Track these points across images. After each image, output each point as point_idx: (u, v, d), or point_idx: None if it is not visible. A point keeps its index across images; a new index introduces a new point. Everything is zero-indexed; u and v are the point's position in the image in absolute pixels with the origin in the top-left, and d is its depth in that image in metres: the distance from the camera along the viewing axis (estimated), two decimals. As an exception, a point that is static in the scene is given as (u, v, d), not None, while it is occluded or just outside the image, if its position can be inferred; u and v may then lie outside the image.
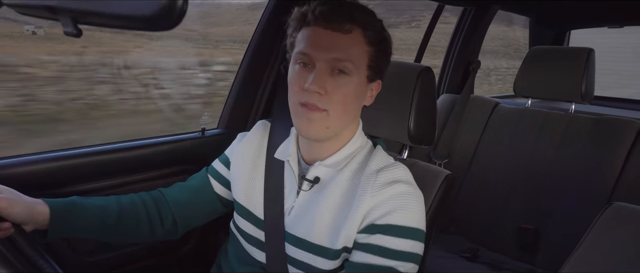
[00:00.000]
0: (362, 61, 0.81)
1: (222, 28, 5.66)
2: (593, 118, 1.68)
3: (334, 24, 0.78)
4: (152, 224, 0.95)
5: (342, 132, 0.86)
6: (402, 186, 0.81)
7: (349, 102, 0.81)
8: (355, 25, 0.79)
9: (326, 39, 0.78)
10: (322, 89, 0.78)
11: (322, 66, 0.78)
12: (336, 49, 0.78)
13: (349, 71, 0.79)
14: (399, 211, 0.79)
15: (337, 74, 0.79)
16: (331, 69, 0.79)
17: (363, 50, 0.80)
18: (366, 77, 0.82)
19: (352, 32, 0.79)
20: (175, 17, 0.38)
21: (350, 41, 0.79)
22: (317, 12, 0.79)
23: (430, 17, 2.12)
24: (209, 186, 1.01)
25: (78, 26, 0.43)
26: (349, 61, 0.78)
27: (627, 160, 1.55)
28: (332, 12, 0.78)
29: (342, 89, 0.79)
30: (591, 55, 1.70)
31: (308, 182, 0.87)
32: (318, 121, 0.80)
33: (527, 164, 1.73)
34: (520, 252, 1.67)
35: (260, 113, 1.51)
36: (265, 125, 1.01)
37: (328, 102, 0.79)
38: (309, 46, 0.79)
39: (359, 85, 0.82)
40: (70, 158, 1.14)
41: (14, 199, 0.77)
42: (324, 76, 0.78)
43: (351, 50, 0.79)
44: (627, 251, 0.77)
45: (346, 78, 0.79)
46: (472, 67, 2.26)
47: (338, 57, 0.78)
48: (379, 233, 0.78)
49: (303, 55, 0.80)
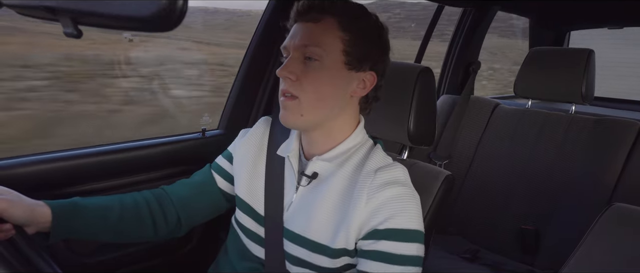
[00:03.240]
0: (334, 46, 0.81)
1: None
2: (593, 119, 1.68)
3: (306, 16, 0.83)
4: (156, 222, 0.95)
5: (330, 123, 0.86)
6: (400, 188, 0.81)
7: (322, 88, 0.82)
8: (326, 14, 0.82)
9: (298, 30, 0.83)
10: (292, 74, 0.81)
11: (294, 54, 0.82)
12: (304, 36, 0.82)
13: (318, 56, 0.81)
14: (400, 215, 0.79)
15: (308, 61, 0.82)
16: (302, 57, 0.82)
17: (335, 35, 0.81)
18: (343, 63, 0.82)
19: (322, 20, 0.82)
20: (175, 18, 0.38)
21: (320, 28, 0.82)
22: (296, 10, 0.84)
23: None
24: (212, 182, 1.02)
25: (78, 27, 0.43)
26: (316, 46, 0.81)
27: (628, 161, 1.55)
28: (308, 6, 0.83)
29: (312, 74, 0.81)
30: (591, 56, 1.70)
31: (306, 178, 0.87)
32: (291, 109, 0.83)
33: (527, 165, 1.73)
34: (521, 253, 1.67)
35: (260, 113, 1.51)
36: (268, 121, 1.01)
37: (299, 88, 0.81)
38: (287, 40, 0.85)
39: (333, 71, 0.82)
40: (71, 159, 1.14)
41: (15, 201, 0.77)
42: (295, 63, 0.82)
43: (320, 37, 0.81)
44: (627, 252, 0.77)
45: (317, 64, 0.81)
46: (472, 68, 2.26)
47: (304, 43, 0.81)
48: (383, 239, 0.78)
49: (284, 49, 0.85)
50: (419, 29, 2.24)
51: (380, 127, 1.08)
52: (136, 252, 1.28)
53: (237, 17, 4.67)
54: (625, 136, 1.58)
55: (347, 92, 0.85)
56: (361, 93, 0.87)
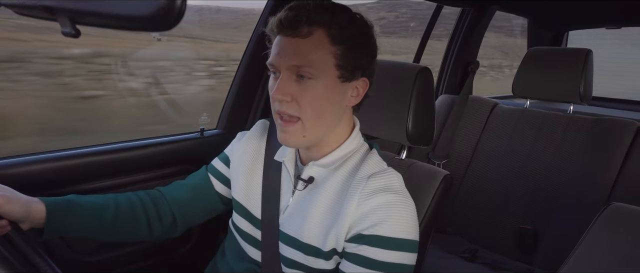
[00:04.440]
0: (327, 62, 0.78)
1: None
2: (591, 119, 1.68)
3: (293, 29, 0.77)
4: (150, 222, 0.95)
5: (327, 135, 0.86)
6: (391, 196, 0.80)
7: (320, 106, 0.80)
8: (315, 26, 0.77)
9: (286, 46, 0.78)
10: (287, 95, 0.78)
11: (286, 74, 0.79)
12: (295, 55, 0.77)
13: (312, 75, 0.78)
14: (387, 222, 0.78)
15: (302, 80, 0.79)
16: (295, 76, 0.79)
17: (327, 51, 0.78)
18: (337, 77, 0.80)
19: (312, 34, 0.77)
20: (174, 18, 0.38)
21: (310, 44, 0.77)
22: (279, 21, 0.79)
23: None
24: (209, 184, 1.02)
25: (76, 26, 0.43)
26: (309, 66, 0.77)
27: (626, 161, 1.55)
28: (292, 17, 0.77)
29: (308, 93, 0.78)
30: (589, 56, 1.70)
31: (303, 182, 0.87)
32: (293, 132, 0.81)
33: (525, 165, 1.73)
34: (519, 252, 1.67)
35: (259, 113, 1.51)
36: (265, 124, 1.01)
37: (298, 108, 0.79)
38: (273, 56, 0.80)
39: (329, 87, 0.79)
40: (68, 159, 1.14)
41: (11, 197, 0.77)
42: (288, 83, 0.78)
43: (311, 55, 0.77)
44: (625, 251, 0.78)
45: (312, 82, 0.78)
46: (471, 68, 2.26)
47: (296, 64, 0.77)
48: (365, 244, 0.78)
49: (271, 66, 0.81)
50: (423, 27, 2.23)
51: (378, 127, 1.08)
52: (134, 252, 1.28)
53: (244, 15, 4.66)
54: (623, 136, 1.58)
55: (343, 103, 0.84)
56: (355, 101, 0.86)
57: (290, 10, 0.78)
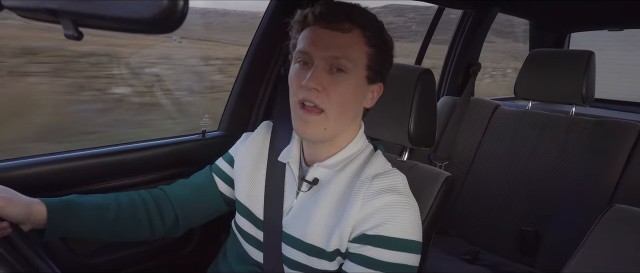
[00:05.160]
0: (361, 61, 0.81)
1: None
2: (594, 120, 1.68)
3: (333, 23, 0.80)
4: (152, 222, 0.95)
5: (341, 134, 0.86)
6: (396, 196, 0.80)
7: (347, 101, 0.81)
8: (355, 25, 0.80)
9: (325, 38, 0.80)
10: (320, 85, 0.79)
11: (321, 64, 0.80)
12: (335, 47, 0.79)
13: (347, 69, 0.80)
14: (391, 222, 0.78)
15: (335, 72, 0.80)
16: (330, 67, 0.80)
17: (362, 50, 0.81)
18: (365, 77, 0.83)
19: (351, 31, 0.80)
20: (176, 20, 0.38)
21: (349, 40, 0.80)
22: (317, 13, 0.81)
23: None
24: (213, 184, 1.02)
25: (79, 29, 0.43)
26: (347, 59, 0.79)
27: (628, 163, 1.55)
28: (332, 12, 0.80)
29: (340, 87, 0.80)
30: (591, 58, 1.70)
31: (307, 183, 0.87)
32: (315, 123, 0.81)
33: (527, 166, 1.73)
34: (521, 254, 1.66)
35: (260, 115, 1.51)
36: (269, 125, 1.01)
37: (326, 100, 0.80)
38: (308, 45, 0.81)
39: (358, 85, 0.82)
40: (70, 161, 1.14)
41: (12, 198, 0.77)
42: (322, 73, 0.79)
43: (350, 49, 0.80)
44: (627, 253, 0.77)
45: (344, 76, 0.80)
46: (473, 70, 2.26)
47: (336, 55, 0.79)
48: (369, 245, 0.78)
49: (303, 54, 0.82)
50: (437, 33, 2.24)
51: (380, 129, 1.08)
52: (135, 254, 1.28)
53: (251, 18, 4.69)
54: (626, 138, 1.58)
55: (363, 104, 0.87)
56: (370, 104, 0.88)
57: (327, 5, 0.81)
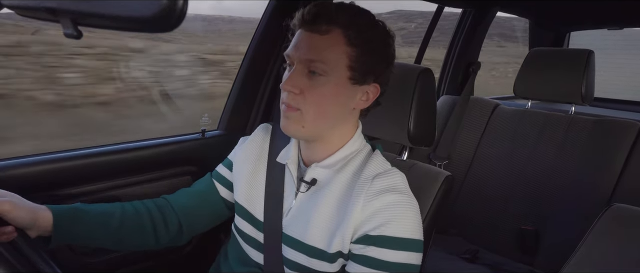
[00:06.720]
0: (340, 62, 0.80)
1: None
2: (593, 119, 1.68)
3: (312, 25, 0.80)
4: (157, 231, 0.95)
5: (330, 133, 0.86)
6: (397, 196, 0.80)
7: (324, 103, 0.81)
8: (335, 25, 0.79)
9: (304, 41, 0.81)
10: (296, 88, 0.80)
11: (299, 67, 0.80)
12: (310, 49, 0.79)
13: (323, 72, 0.79)
14: (393, 222, 0.78)
15: (312, 75, 0.80)
16: (308, 70, 0.80)
17: (341, 50, 0.79)
18: (348, 78, 0.81)
19: (330, 32, 0.79)
20: (175, 19, 0.38)
21: (327, 42, 0.79)
22: (303, 15, 0.81)
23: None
24: (214, 190, 1.02)
25: (78, 28, 0.43)
26: (322, 62, 0.79)
27: (627, 162, 1.55)
28: (315, 14, 0.80)
29: (317, 89, 0.80)
30: (591, 57, 1.70)
31: (305, 184, 0.87)
32: (293, 119, 0.82)
33: (527, 165, 1.73)
34: (521, 254, 1.66)
35: (260, 115, 1.51)
36: (267, 128, 1.01)
37: (302, 101, 0.80)
38: (291, 48, 0.82)
39: (338, 87, 0.81)
40: (70, 160, 1.14)
41: (18, 203, 0.77)
42: (299, 76, 0.80)
43: (326, 52, 0.79)
44: (627, 253, 0.77)
45: (321, 79, 0.80)
46: (472, 69, 2.26)
47: (311, 58, 0.79)
48: (372, 245, 0.78)
49: (287, 57, 0.83)
50: (443, 37, 2.25)
51: (380, 128, 1.08)
52: (135, 254, 1.27)
53: (256, 25, 4.85)
54: (625, 137, 1.58)
55: (350, 106, 0.85)
56: (364, 105, 0.87)
57: (314, 6, 0.80)
